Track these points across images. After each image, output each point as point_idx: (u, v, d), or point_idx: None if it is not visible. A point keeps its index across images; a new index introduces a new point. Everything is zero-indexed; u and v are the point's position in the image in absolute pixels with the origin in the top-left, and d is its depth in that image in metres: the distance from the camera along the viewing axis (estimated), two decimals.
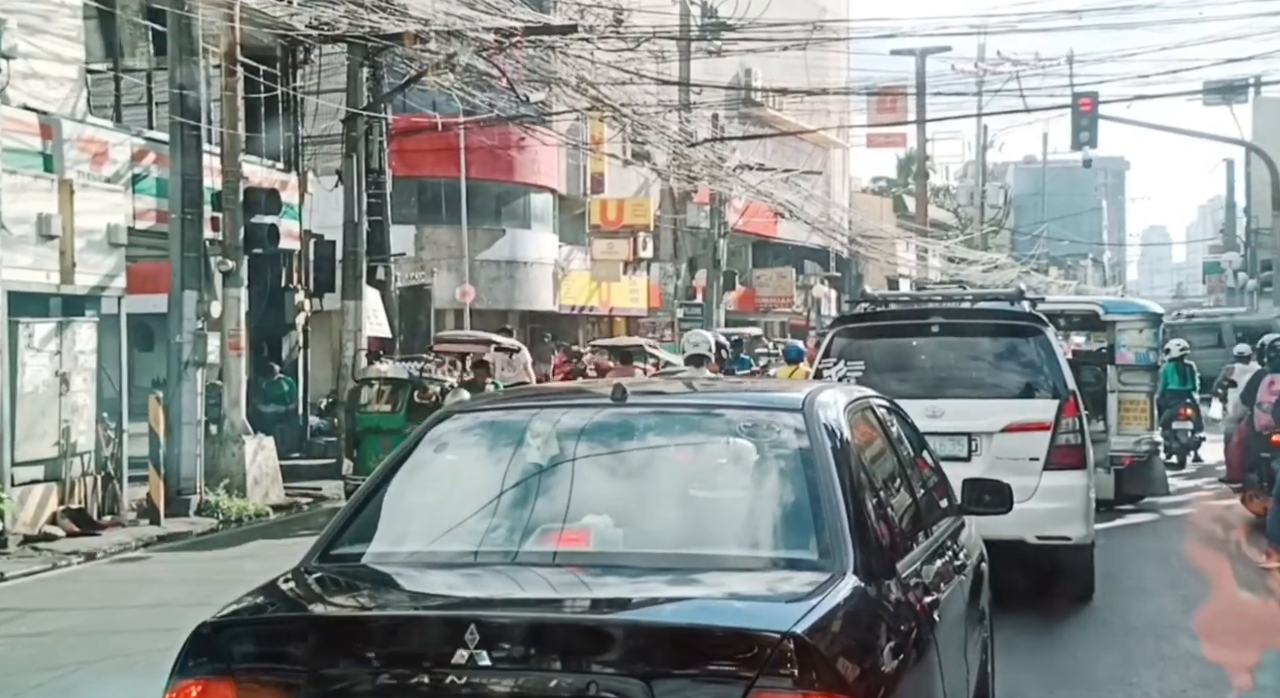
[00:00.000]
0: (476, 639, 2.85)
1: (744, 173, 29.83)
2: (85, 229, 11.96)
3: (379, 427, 13.67)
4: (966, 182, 63.33)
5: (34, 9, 12.78)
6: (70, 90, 13.74)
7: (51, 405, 11.50)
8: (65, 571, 10.47)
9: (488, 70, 17.70)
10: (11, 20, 10.61)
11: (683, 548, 3.51)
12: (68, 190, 11.83)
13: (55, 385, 11.54)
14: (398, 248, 21.75)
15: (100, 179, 13.46)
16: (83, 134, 13.66)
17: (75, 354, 11.81)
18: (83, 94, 14.11)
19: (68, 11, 13.60)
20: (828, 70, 35.10)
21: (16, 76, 11.58)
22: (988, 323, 8.75)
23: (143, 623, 8.25)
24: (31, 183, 11.53)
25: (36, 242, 11.37)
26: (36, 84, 12.84)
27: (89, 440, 11.93)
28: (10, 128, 11.52)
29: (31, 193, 11.39)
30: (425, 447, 3.91)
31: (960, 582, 4.39)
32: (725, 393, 4.88)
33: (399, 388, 14.25)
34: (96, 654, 7.44)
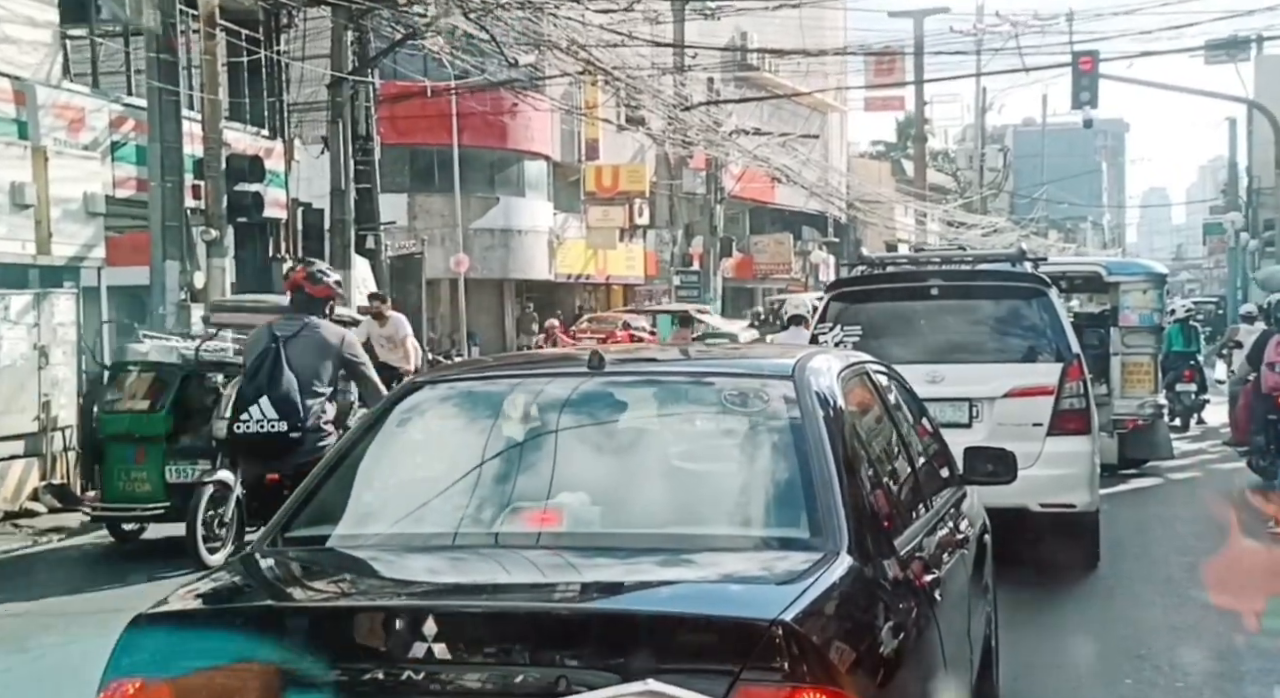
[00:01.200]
0: (434, 631, 2.62)
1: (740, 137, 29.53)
2: (62, 198, 11.70)
3: (130, 433, 9.71)
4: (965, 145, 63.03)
5: None
6: (45, 55, 13.43)
7: (30, 379, 11.29)
8: (46, 547, 10.28)
9: (476, 33, 17.36)
10: None
11: (662, 527, 3.28)
12: (42, 158, 11.58)
13: (34, 359, 11.32)
14: (389, 217, 21.48)
15: (77, 146, 13.18)
16: (58, 100, 13.36)
17: (54, 327, 11.58)
18: (58, 59, 13.79)
19: None
20: (824, 32, 34.69)
21: None
22: (989, 285, 8.52)
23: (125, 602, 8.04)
24: (4, 150, 11.29)
25: (10, 211, 11.12)
26: (9, 48, 12.56)
27: (70, 415, 11.71)
28: None
29: (4, 160, 11.16)
30: (392, 419, 3.69)
31: (962, 556, 4.18)
32: (711, 360, 4.64)
33: (165, 377, 9.95)
34: (75, 635, 7.24)
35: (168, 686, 2.73)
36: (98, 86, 15.00)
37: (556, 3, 17.33)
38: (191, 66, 14.60)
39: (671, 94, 24.84)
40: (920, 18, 39.27)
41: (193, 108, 14.17)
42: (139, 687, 2.74)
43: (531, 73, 21.92)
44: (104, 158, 13.61)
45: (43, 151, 11.66)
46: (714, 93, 28.47)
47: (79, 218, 11.95)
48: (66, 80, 13.98)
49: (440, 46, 17.48)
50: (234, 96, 16.26)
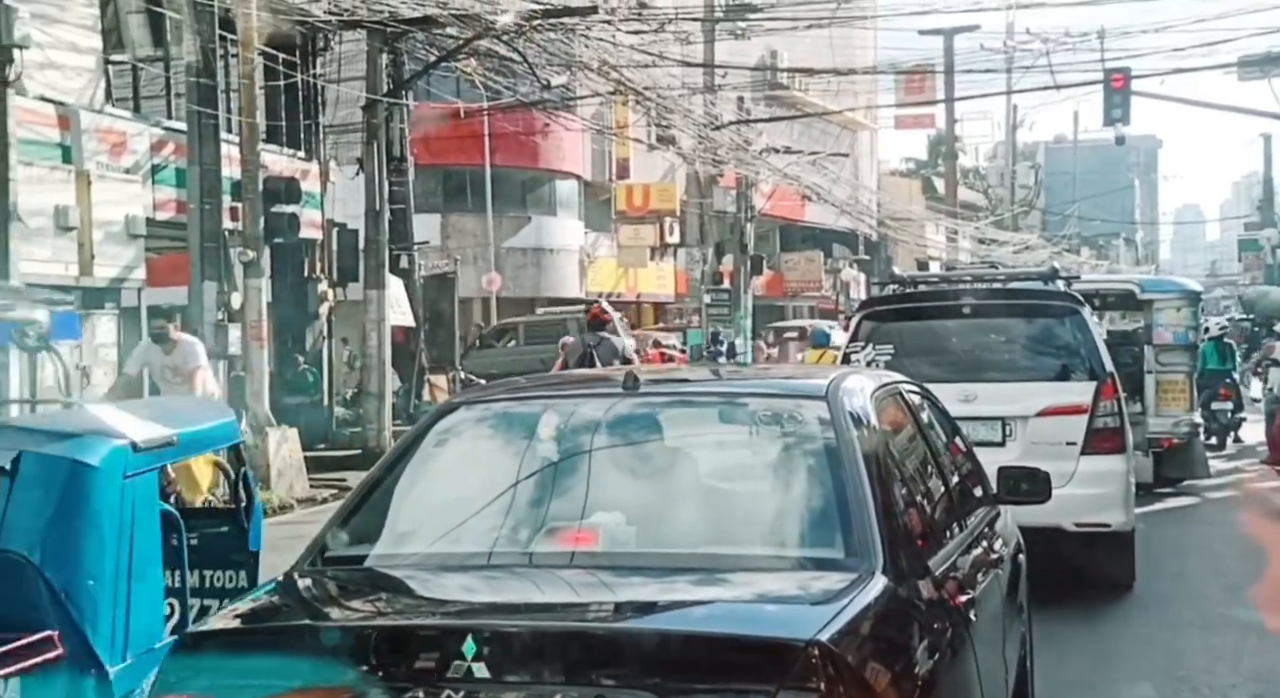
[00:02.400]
0: (473, 650, 2.66)
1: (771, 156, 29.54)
2: (104, 221, 11.92)
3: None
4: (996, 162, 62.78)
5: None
6: (88, 81, 13.67)
7: None
8: None
9: (508, 55, 17.53)
10: (24, 9, 10.51)
11: (697, 547, 3.30)
12: (85, 182, 11.80)
13: (76, 379, 11.49)
14: (423, 236, 21.66)
15: (119, 170, 13.40)
16: (101, 125, 13.59)
17: (95, 347, 11.77)
18: (100, 84, 14.03)
19: (83, 0, 13.52)
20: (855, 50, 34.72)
21: (33, 67, 11.49)
22: (1021, 303, 8.51)
23: None
24: (49, 174, 11.50)
25: (55, 234, 11.34)
26: (53, 74, 12.78)
27: None
28: (26, 119, 11.44)
29: (49, 184, 11.37)
30: (430, 439, 3.73)
31: (997, 576, 4.18)
32: (744, 380, 4.68)
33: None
34: None
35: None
36: (139, 111, 15.26)
37: (588, 24, 17.46)
38: (230, 90, 14.82)
39: (702, 113, 24.93)
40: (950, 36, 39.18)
41: (231, 131, 14.38)
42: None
43: (563, 93, 22.08)
44: (145, 181, 13.84)
45: (86, 175, 11.89)
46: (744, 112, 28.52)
47: (120, 240, 12.17)
48: (109, 105, 14.23)
49: (473, 68, 17.65)
50: (271, 119, 16.47)
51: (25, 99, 11.46)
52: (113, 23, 14.49)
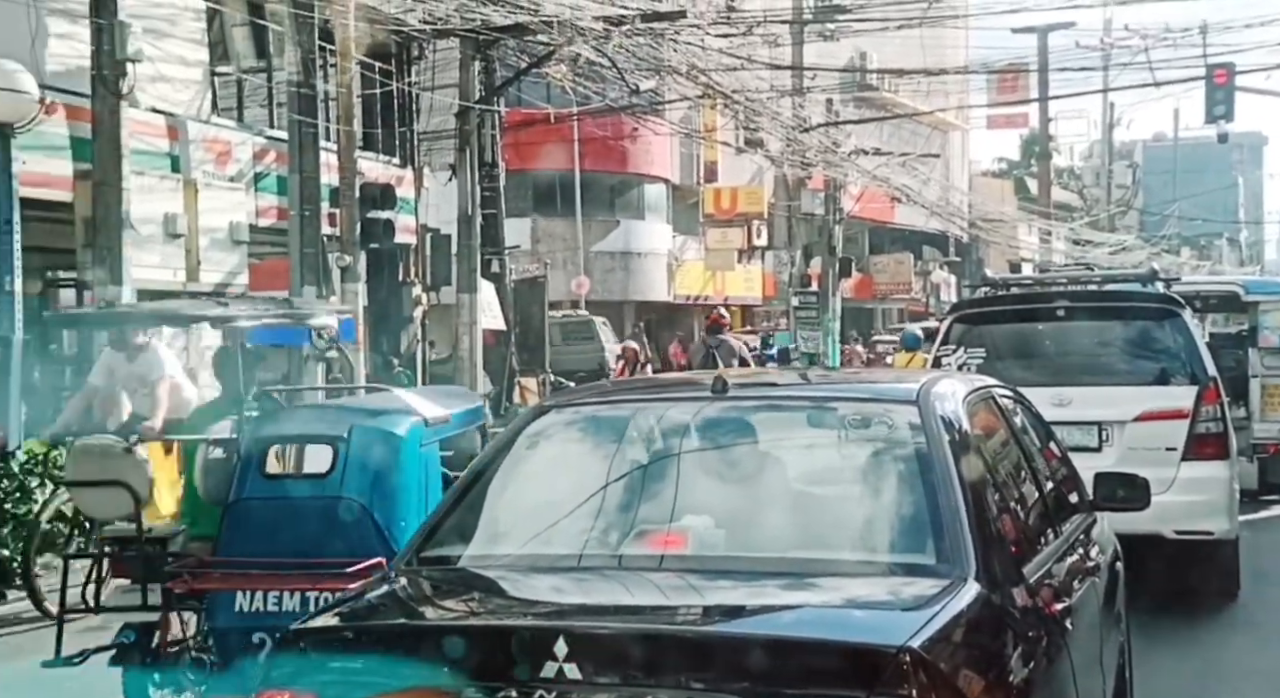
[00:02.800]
0: (565, 651, 2.70)
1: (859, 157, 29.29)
2: (209, 228, 12.28)
3: None
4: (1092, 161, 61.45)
5: (160, 14, 13.13)
6: (195, 92, 14.10)
7: None
8: None
9: (598, 60, 17.66)
10: (137, 25, 10.89)
11: (787, 551, 3.31)
12: (192, 190, 12.17)
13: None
14: (513, 241, 21.91)
15: (224, 178, 13.79)
16: (207, 134, 13.99)
17: (201, 351, 12.11)
18: (207, 95, 14.45)
19: (192, 15, 13.94)
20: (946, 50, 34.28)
21: (144, 80, 11.88)
22: (1118, 305, 8.36)
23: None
24: (158, 183, 11.87)
25: (163, 241, 11.72)
26: (163, 87, 13.19)
27: None
28: (138, 130, 11.83)
29: (158, 193, 11.75)
30: (521, 442, 3.79)
31: (1094, 584, 4.12)
32: (834, 384, 4.68)
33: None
34: None
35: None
36: (243, 121, 15.69)
37: (677, 28, 17.52)
38: (329, 99, 15.16)
39: (790, 116, 24.83)
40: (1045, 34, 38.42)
41: (330, 139, 14.71)
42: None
43: (652, 98, 22.18)
44: (248, 189, 14.22)
45: (193, 184, 12.26)
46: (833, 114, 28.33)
47: (225, 246, 12.54)
48: (215, 116, 14.65)
49: (563, 74, 17.83)
50: (368, 127, 16.82)
51: (137, 111, 11.83)
52: (218, 36, 14.94)
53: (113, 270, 10.72)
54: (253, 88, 16.25)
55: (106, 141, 10.70)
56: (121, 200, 10.71)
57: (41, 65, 11.44)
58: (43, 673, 5.60)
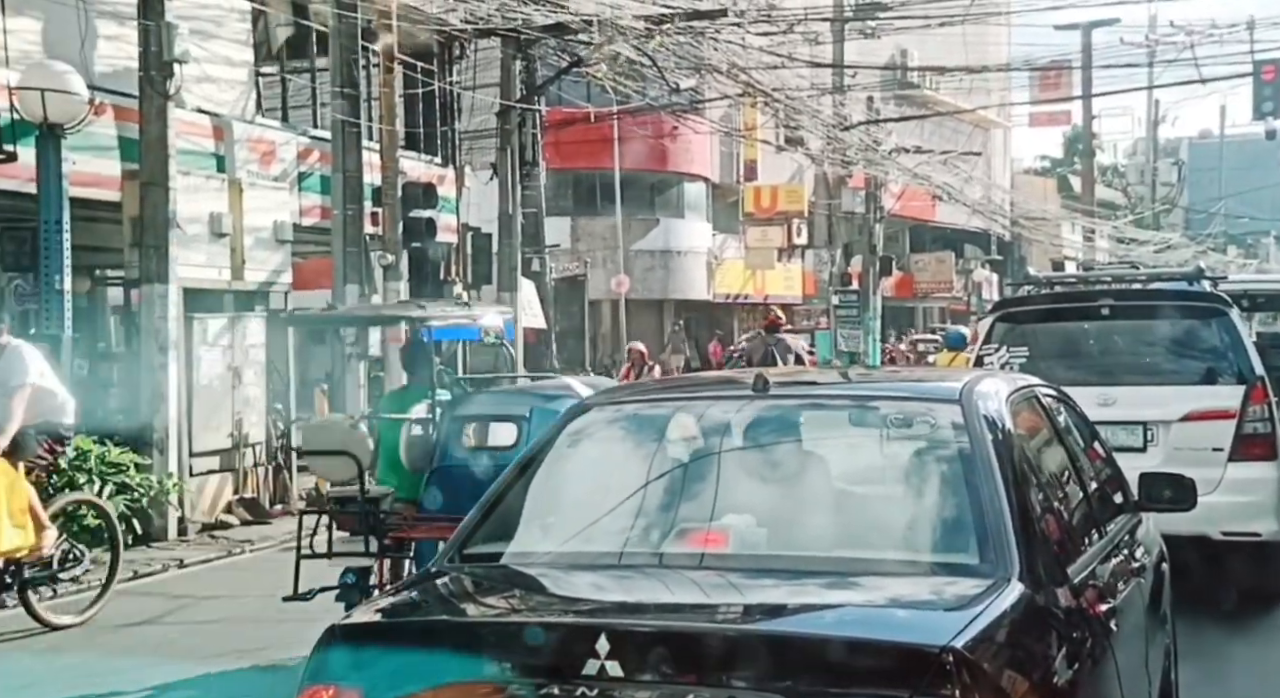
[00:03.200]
0: (607, 649, 2.70)
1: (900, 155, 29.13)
2: (254, 227, 12.39)
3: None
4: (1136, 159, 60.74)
5: (206, 15, 13.27)
6: (240, 93, 14.24)
7: (225, 398, 11.95)
8: (238, 558, 10.85)
9: (639, 59, 17.68)
10: (184, 26, 11.02)
11: (828, 551, 3.31)
12: (237, 190, 12.28)
13: (228, 379, 11.99)
14: (553, 239, 21.99)
15: (268, 178, 13.92)
16: (251, 134, 14.12)
17: (246, 348, 12.25)
18: (252, 96, 14.60)
19: (237, 16, 14.08)
20: (988, 47, 33.99)
21: (190, 80, 12.02)
22: (1164, 304, 8.26)
23: (310, 612, 8.45)
24: (204, 183, 11.99)
25: (209, 240, 11.83)
26: (209, 87, 13.32)
27: (260, 432, 12.36)
28: (185, 130, 11.97)
29: (204, 193, 11.86)
30: (563, 440, 3.80)
31: (1139, 585, 4.08)
32: (876, 383, 4.66)
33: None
34: (264, 642, 7.66)
35: (357, 693, 2.87)
36: (287, 121, 15.84)
37: (717, 27, 17.51)
38: (371, 99, 15.27)
39: (830, 114, 24.73)
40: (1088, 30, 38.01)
41: (372, 138, 14.82)
42: (332, 694, 2.90)
43: (692, 96, 22.17)
44: (292, 188, 14.34)
45: (238, 183, 12.37)
46: (873, 112, 28.17)
47: (269, 245, 12.65)
48: (259, 116, 14.79)
49: (604, 73, 17.87)
50: (410, 126, 16.94)
51: (184, 111, 11.97)
52: (263, 36, 15.09)
53: (159, 269, 10.86)
54: (297, 88, 16.40)
55: (154, 142, 10.85)
56: (168, 200, 10.85)
57: (91, 67, 11.60)
58: (285, 605, 6.91)
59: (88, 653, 7.50)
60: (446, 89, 18.19)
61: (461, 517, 4.39)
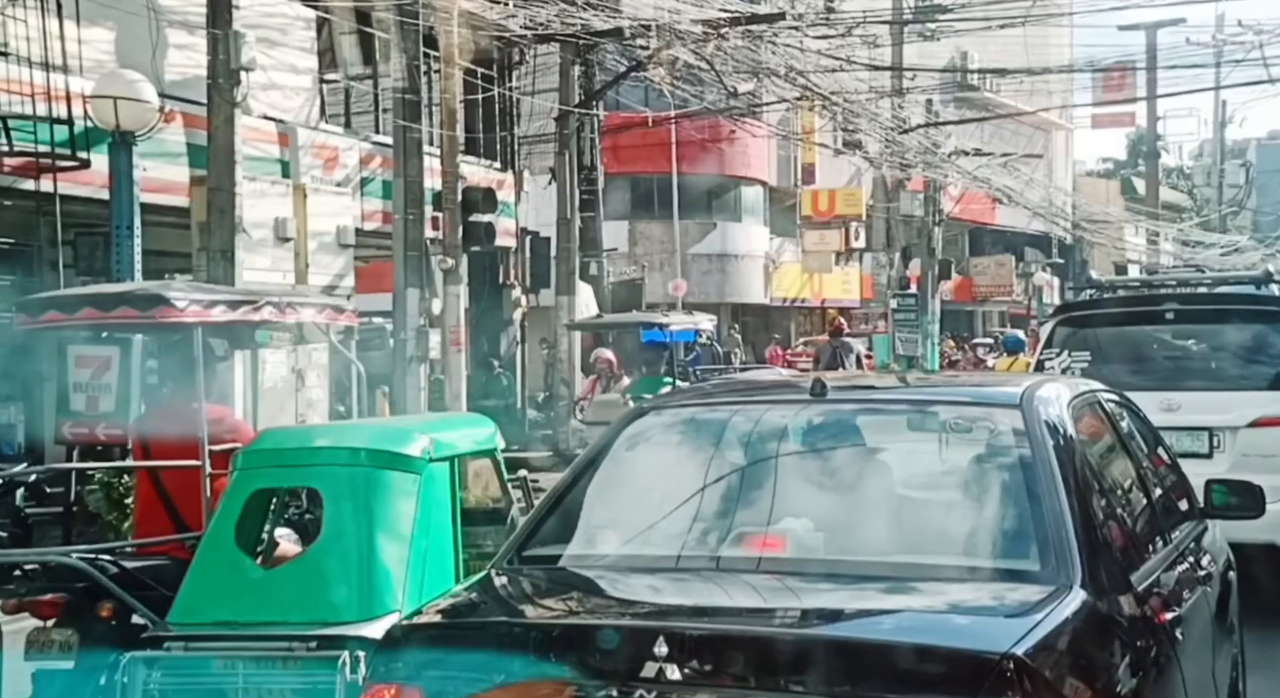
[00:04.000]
0: (665, 652, 2.72)
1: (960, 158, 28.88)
2: (317, 231, 12.57)
3: None
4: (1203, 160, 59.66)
5: (272, 24, 13.49)
6: (305, 99, 14.45)
7: (289, 401, 12.14)
8: None
9: (696, 63, 17.71)
10: (251, 35, 11.22)
11: (888, 556, 3.30)
12: (301, 195, 12.46)
13: (292, 381, 12.17)
14: (610, 243, 22.06)
15: (331, 183, 14.11)
16: (315, 141, 14.31)
17: (309, 351, 12.42)
18: (316, 102, 14.82)
19: (302, 24, 14.30)
20: (1049, 49, 33.61)
21: (256, 88, 12.23)
22: (1230, 308, 8.15)
23: None
24: (269, 188, 12.19)
25: (274, 244, 12.03)
26: (274, 95, 13.54)
27: None
28: (251, 137, 12.17)
29: (269, 198, 12.05)
30: (620, 444, 3.82)
31: (1205, 593, 4.04)
32: (935, 388, 4.64)
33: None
34: None
35: (418, 692, 2.92)
36: (350, 127, 16.04)
37: (775, 30, 17.48)
38: (432, 105, 15.43)
39: (889, 116, 24.58)
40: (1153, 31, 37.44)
41: (433, 144, 14.97)
42: (394, 693, 2.94)
43: (750, 100, 22.15)
44: (354, 193, 14.51)
45: (302, 189, 12.56)
46: (933, 114, 27.98)
47: (332, 249, 12.83)
48: (323, 122, 15.00)
49: (661, 77, 17.91)
50: (469, 132, 17.08)
51: (250, 118, 12.18)
52: (327, 44, 15.32)
53: (226, 273, 11.06)
54: (359, 94, 16.61)
55: (220, 148, 11.06)
56: (234, 205, 11.04)
57: (161, 75, 11.84)
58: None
59: None
60: (506, 94, 18.32)
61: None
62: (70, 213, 10.88)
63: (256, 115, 12.81)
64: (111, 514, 9.50)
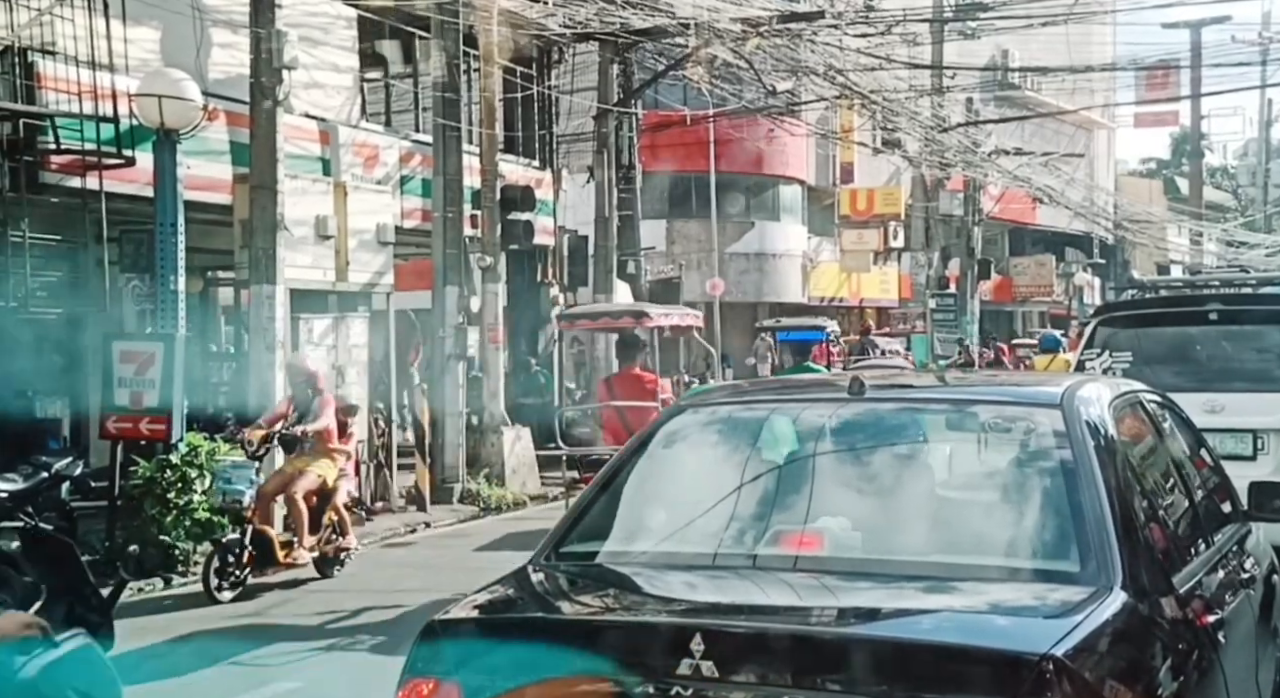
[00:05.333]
0: (702, 649, 2.72)
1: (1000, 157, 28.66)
2: (357, 229, 12.65)
3: None
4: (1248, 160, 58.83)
5: (314, 23, 13.60)
6: (346, 98, 14.55)
7: None
8: None
9: (735, 62, 17.68)
10: (293, 34, 11.32)
11: (926, 555, 3.28)
12: (342, 193, 12.54)
13: (332, 378, 12.25)
14: (648, 242, 22.06)
15: (371, 181, 14.20)
16: (356, 139, 14.41)
17: (349, 348, 12.52)
18: (356, 101, 14.92)
19: (344, 23, 14.40)
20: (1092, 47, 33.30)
21: (298, 86, 12.33)
22: (1275, 309, 8.04)
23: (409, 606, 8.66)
24: (310, 186, 12.28)
25: (315, 242, 12.12)
26: (316, 93, 13.65)
27: (362, 430, 12.61)
28: (293, 135, 12.28)
29: (310, 196, 12.14)
30: (659, 441, 3.82)
31: (1248, 596, 3.98)
32: (974, 387, 4.60)
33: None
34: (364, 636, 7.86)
35: (456, 687, 2.94)
36: (390, 125, 16.13)
37: (814, 29, 17.43)
38: (472, 104, 15.50)
39: (929, 115, 24.43)
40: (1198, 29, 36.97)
41: (472, 142, 15.04)
42: (432, 687, 2.96)
43: (789, 99, 22.09)
44: (394, 191, 14.58)
45: (343, 187, 12.63)
46: (973, 113, 27.78)
47: (372, 247, 12.90)
48: (364, 120, 15.10)
49: (700, 76, 17.90)
50: (508, 130, 17.14)
51: (292, 116, 12.27)
52: (368, 43, 15.42)
53: (267, 270, 11.18)
54: (399, 93, 16.71)
55: (263, 146, 11.17)
56: (276, 203, 11.15)
57: (205, 73, 11.98)
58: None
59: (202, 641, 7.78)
60: (545, 93, 18.37)
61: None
62: (115, 210, 11.02)
63: (298, 113, 12.91)
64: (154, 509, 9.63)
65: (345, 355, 12.45)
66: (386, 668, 6.65)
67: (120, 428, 9.80)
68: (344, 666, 7.22)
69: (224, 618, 8.48)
